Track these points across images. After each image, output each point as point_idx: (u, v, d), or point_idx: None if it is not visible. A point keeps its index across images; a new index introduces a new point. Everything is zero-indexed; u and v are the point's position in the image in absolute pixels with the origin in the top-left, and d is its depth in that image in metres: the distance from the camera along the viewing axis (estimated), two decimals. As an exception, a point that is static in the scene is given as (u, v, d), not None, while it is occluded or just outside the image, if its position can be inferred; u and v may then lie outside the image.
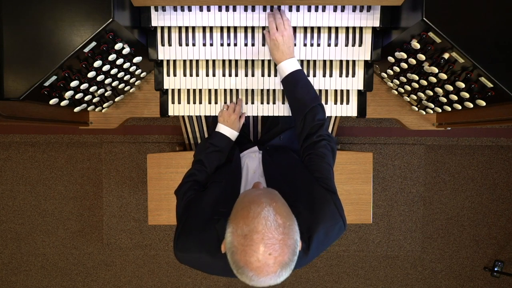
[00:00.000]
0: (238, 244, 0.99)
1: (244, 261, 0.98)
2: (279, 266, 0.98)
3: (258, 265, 0.97)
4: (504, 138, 2.99)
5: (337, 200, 1.30)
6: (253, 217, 0.99)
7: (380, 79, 1.81)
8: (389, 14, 1.57)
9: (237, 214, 1.03)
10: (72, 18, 1.31)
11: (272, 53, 1.58)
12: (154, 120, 2.96)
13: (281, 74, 1.59)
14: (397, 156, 2.99)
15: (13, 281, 3.16)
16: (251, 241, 0.97)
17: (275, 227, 0.98)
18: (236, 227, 1.01)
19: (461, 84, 1.40)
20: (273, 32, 1.53)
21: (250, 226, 0.98)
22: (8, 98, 1.31)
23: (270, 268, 0.97)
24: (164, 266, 3.12)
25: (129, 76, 1.63)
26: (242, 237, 0.98)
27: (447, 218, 3.09)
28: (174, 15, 1.58)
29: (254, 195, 1.07)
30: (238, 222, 1.01)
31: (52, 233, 3.08)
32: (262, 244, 0.96)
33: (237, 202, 1.09)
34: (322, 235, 1.22)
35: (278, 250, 0.97)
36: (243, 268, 0.99)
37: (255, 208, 1.00)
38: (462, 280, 3.17)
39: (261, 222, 0.98)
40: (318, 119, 1.48)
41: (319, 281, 3.15)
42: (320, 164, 1.38)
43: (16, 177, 3.03)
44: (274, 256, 0.97)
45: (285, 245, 0.98)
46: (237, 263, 1.00)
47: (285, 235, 0.99)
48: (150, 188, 2.11)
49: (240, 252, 0.98)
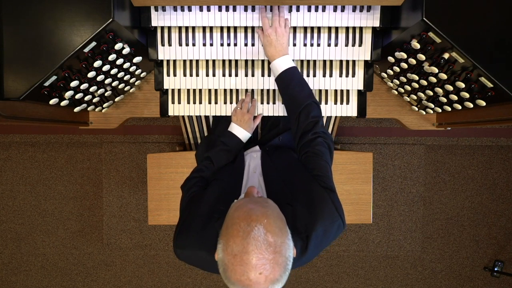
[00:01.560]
0: (229, 263, 0.99)
1: (235, 278, 0.98)
2: (271, 283, 0.98)
3: (249, 283, 0.97)
4: (504, 138, 2.99)
5: (336, 198, 1.29)
6: (243, 237, 0.97)
7: (380, 79, 1.81)
8: (389, 14, 1.57)
9: (228, 231, 1.02)
10: (72, 18, 1.31)
11: (266, 50, 1.57)
12: (154, 120, 2.96)
13: (275, 72, 1.58)
14: (397, 156, 2.99)
15: (13, 281, 3.16)
16: (241, 261, 0.96)
17: (266, 247, 0.97)
18: (226, 245, 1.00)
19: (461, 84, 1.40)
20: (266, 27, 1.52)
21: (239, 247, 0.97)
22: (8, 98, 1.31)
23: (262, 285, 0.97)
24: (164, 266, 3.12)
25: (129, 76, 1.63)
26: (232, 256, 0.98)
27: (447, 218, 3.09)
28: (174, 15, 1.58)
29: (245, 210, 1.04)
30: (228, 240, 1.00)
31: (52, 233, 3.08)
32: (252, 264, 0.96)
33: (228, 216, 1.07)
34: (320, 233, 1.21)
35: (269, 269, 0.97)
36: (235, 284, 0.99)
37: (245, 227, 0.99)
38: (462, 280, 3.17)
39: (251, 243, 0.96)
40: (312, 116, 1.46)
41: (319, 281, 3.15)
42: (318, 162, 1.37)
43: (16, 177, 3.03)
44: (265, 275, 0.96)
45: (276, 263, 0.98)
46: (228, 279, 1.00)
47: (276, 254, 0.98)
48: (150, 188, 2.11)
49: (230, 270, 0.98)
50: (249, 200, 1.12)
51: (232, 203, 1.12)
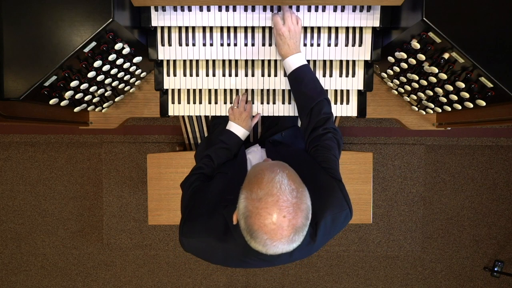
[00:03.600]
0: (253, 208, 1.01)
1: (259, 224, 0.99)
2: (293, 230, 1.00)
3: (273, 228, 0.99)
4: (504, 138, 2.99)
5: (343, 188, 1.31)
6: (267, 182, 1.01)
7: (380, 79, 1.81)
8: (389, 14, 1.58)
9: (251, 181, 1.05)
10: (72, 18, 1.31)
11: (279, 48, 1.58)
12: (154, 120, 2.96)
13: (287, 69, 1.59)
14: (397, 156, 2.99)
15: (13, 281, 3.16)
16: (265, 203, 0.99)
17: (289, 191, 1.01)
18: (250, 192, 1.03)
19: (461, 84, 1.40)
20: (280, 26, 1.53)
21: (264, 190, 1.01)
22: (8, 98, 1.31)
23: (284, 231, 0.99)
24: (164, 266, 3.12)
25: (129, 76, 1.63)
26: (256, 200, 1.00)
27: (447, 218, 3.09)
28: (174, 15, 1.58)
29: (266, 164, 1.11)
30: (252, 187, 1.03)
31: (52, 233, 3.08)
32: (277, 206, 0.98)
33: (249, 173, 1.12)
34: (329, 221, 1.23)
35: (292, 213, 0.99)
36: (257, 232, 1.00)
37: (269, 174, 1.03)
38: (462, 280, 3.17)
39: (275, 186, 1.00)
40: (324, 113, 1.48)
41: (319, 281, 3.15)
42: (327, 155, 1.39)
43: (16, 177, 3.03)
44: (288, 218, 0.99)
45: (299, 208, 1.01)
46: (251, 227, 1.01)
47: (299, 199, 1.01)
48: (150, 188, 2.11)
49: (254, 215, 1.00)
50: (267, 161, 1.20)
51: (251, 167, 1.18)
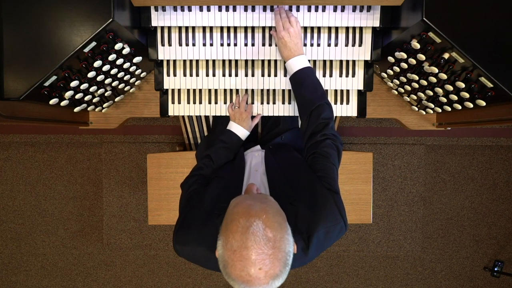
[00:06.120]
0: (229, 259, 0.99)
1: (235, 274, 0.99)
2: (271, 278, 0.98)
3: (249, 279, 0.97)
4: (504, 138, 2.99)
5: (339, 200, 1.28)
6: (242, 233, 0.98)
7: (380, 79, 1.81)
8: (389, 14, 1.57)
9: (227, 227, 1.02)
10: (72, 18, 1.31)
11: (280, 51, 1.58)
12: (154, 120, 2.96)
13: (289, 71, 1.59)
14: (397, 156, 2.99)
15: (13, 281, 3.16)
16: (240, 257, 0.97)
17: (265, 242, 0.97)
18: (226, 241, 1.01)
19: (461, 84, 1.40)
20: (280, 30, 1.53)
21: (239, 242, 0.98)
22: (8, 98, 1.31)
23: (262, 281, 0.98)
24: (164, 266, 3.12)
25: (129, 76, 1.63)
26: (231, 252, 0.98)
27: (447, 218, 3.09)
28: (174, 15, 1.58)
29: (244, 206, 1.04)
30: (227, 236, 1.01)
31: (52, 233, 3.08)
32: (252, 260, 0.96)
33: (227, 212, 1.08)
34: (322, 235, 1.21)
35: (269, 264, 0.97)
36: (235, 280, 1.00)
37: (244, 223, 0.99)
38: (462, 280, 3.17)
39: (249, 238, 0.97)
40: (323, 118, 1.46)
41: (319, 281, 3.15)
42: (324, 164, 1.37)
43: (16, 177, 3.03)
44: (264, 270, 0.97)
45: (276, 258, 0.98)
46: (228, 275, 1.01)
47: (276, 249, 0.98)
48: (150, 188, 2.11)
49: (230, 266, 0.99)
50: (248, 196, 1.12)
51: (232, 200, 1.13)
